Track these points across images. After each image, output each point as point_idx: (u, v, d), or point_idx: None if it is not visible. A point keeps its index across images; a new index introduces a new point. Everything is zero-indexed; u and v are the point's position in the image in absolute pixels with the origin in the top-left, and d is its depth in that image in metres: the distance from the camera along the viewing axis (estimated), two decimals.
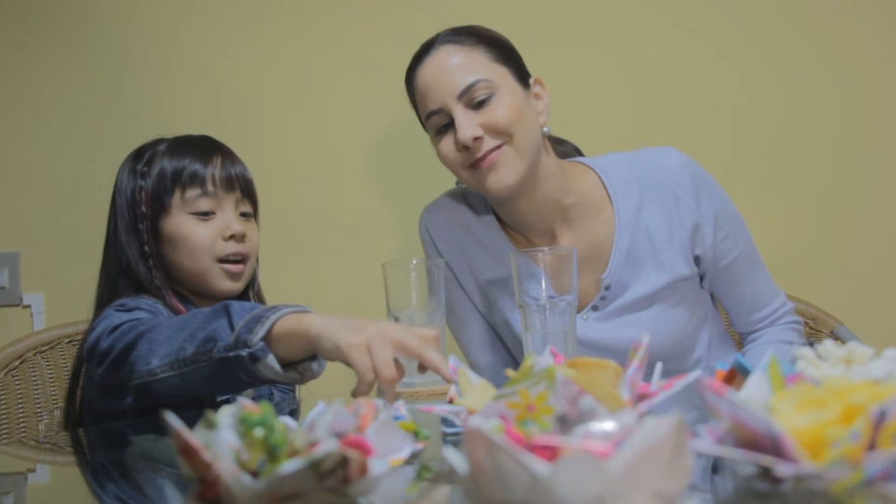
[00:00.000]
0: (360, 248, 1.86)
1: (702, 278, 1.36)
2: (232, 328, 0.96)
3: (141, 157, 1.31)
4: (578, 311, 1.32)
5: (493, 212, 1.40)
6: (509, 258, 1.32)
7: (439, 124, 1.27)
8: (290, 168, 1.89)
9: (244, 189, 1.32)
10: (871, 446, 0.49)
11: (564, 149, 1.59)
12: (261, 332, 0.94)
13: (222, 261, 1.28)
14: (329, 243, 1.88)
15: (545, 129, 1.31)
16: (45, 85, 1.89)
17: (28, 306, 1.84)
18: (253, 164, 1.86)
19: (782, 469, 0.49)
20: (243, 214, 1.32)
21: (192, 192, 1.27)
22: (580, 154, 1.64)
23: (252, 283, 1.38)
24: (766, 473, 0.51)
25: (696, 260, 1.32)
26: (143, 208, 1.27)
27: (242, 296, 1.36)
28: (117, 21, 1.91)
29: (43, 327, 1.75)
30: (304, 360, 0.99)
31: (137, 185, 1.28)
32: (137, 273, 1.26)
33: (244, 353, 0.94)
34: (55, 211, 1.87)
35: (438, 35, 1.30)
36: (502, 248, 1.37)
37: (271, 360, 0.95)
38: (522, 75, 1.31)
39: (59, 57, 1.89)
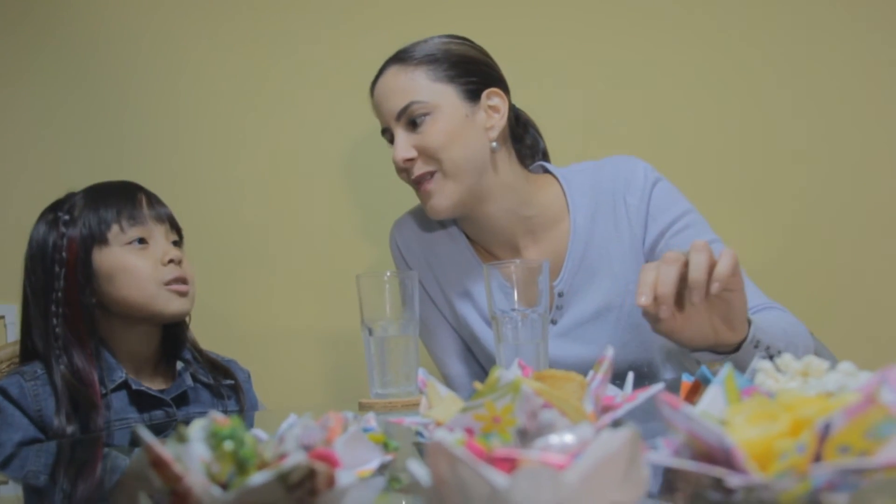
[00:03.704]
0: (335, 259, 1.87)
1: None
2: None
3: (60, 207, 1.34)
4: None
5: (459, 226, 1.42)
6: (476, 272, 1.35)
7: (391, 141, 1.33)
8: (264, 180, 1.90)
9: (171, 223, 1.36)
10: (818, 458, 0.51)
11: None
12: None
13: (167, 284, 1.30)
14: (303, 255, 1.89)
15: (493, 146, 1.31)
16: (17, 95, 1.89)
17: (1, 317, 1.84)
18: (225, 175, 1.86)
19: (733, 480, 0.51)
20: (174, 243, 1.35)
21: (125, 225, 1.30)
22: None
23: None
24: (719, 484, 0.53)
25: None
26: (64, 254, 1.29)
27: (179, 326, 1.38)
28: (93, 35, 1.92)
29: (16, 339, 1.75)
30: None
31: (60, 233, 1.30)
32: (38, 328, 1.29)
33: None
34: (28, 221, 1.86)
35: (392, 55, 1.34)
36: (469, 261, 1.39)
37: None
38: (474, 90, 1.31)
39: (32, 69, 1.90)
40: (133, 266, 1.29)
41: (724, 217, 1.45)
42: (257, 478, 0.51)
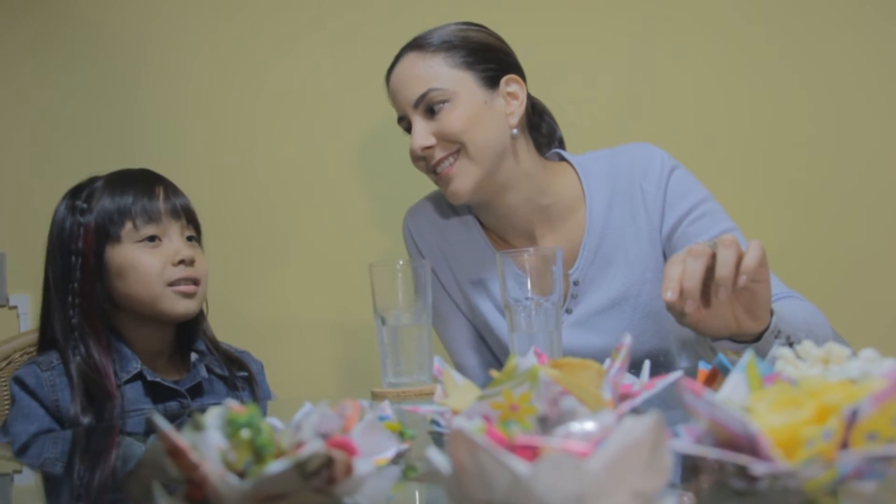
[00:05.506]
0: (347, 249, 1.86)
1: None
2: None
3: (79, 193, 1.33)
4: None
5: (474, 214, 1.41)
6: (490, 260, 1.33)
7: (407, 129, 1.31)
8: (276, 170, 1.89)
9: (188, 217, 1.34)
10: (844, 445, 0.50)
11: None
12: None
13: (172, 284, 1.29)
14: (316, 245, 1.88)
15: (513, 132, 1.30)
16: (31, 87, 1.89)
17: (14, 307, 1.84)
18: (237, 164, 1.86)
19: (758, 468, 0.50)
20: (189, 238, 1.34)
21: (139, 222, 1.29)
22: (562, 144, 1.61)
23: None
24: (742, 472, 0.52)
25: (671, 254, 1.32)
26: (80, 244, 1.28)
27: (194, 319, 1.36)
28: (105, 23, 1.91)
29: (30, 328, 1.75)
30: None
31: (76, 222, 1.30)
32: (57, 317, 1.28)
33: None
34: (41, 211, 1.86)
35: (409, 42, 1.32)
36: (483, 250, 1.38)
37: None
38: (492, 77, 1.30)
39: (46, 62, 1.89)
40: (143, 263, 1.28)
41: (732, 204, 1.43)
42: (275, 466, 0.50)
